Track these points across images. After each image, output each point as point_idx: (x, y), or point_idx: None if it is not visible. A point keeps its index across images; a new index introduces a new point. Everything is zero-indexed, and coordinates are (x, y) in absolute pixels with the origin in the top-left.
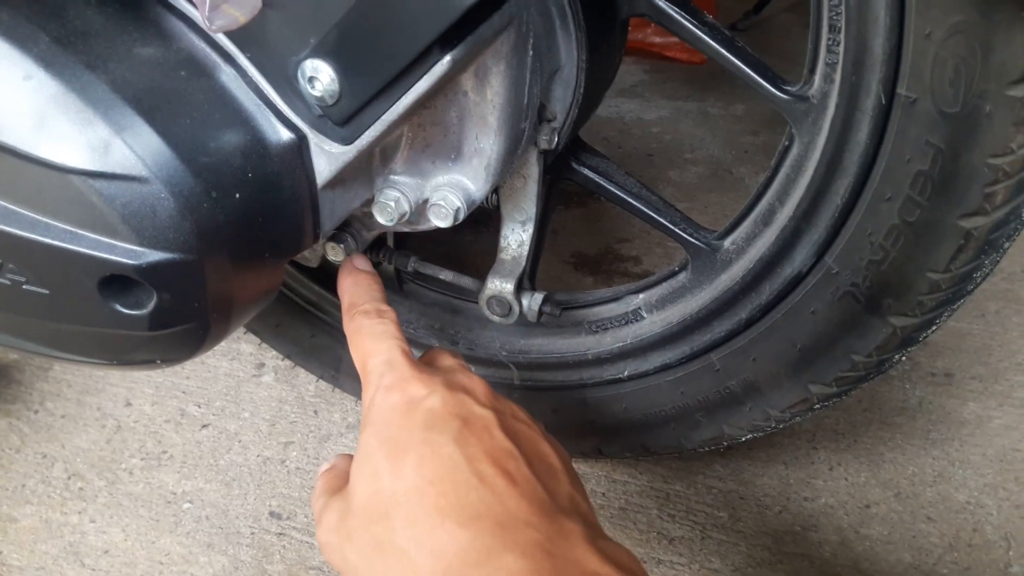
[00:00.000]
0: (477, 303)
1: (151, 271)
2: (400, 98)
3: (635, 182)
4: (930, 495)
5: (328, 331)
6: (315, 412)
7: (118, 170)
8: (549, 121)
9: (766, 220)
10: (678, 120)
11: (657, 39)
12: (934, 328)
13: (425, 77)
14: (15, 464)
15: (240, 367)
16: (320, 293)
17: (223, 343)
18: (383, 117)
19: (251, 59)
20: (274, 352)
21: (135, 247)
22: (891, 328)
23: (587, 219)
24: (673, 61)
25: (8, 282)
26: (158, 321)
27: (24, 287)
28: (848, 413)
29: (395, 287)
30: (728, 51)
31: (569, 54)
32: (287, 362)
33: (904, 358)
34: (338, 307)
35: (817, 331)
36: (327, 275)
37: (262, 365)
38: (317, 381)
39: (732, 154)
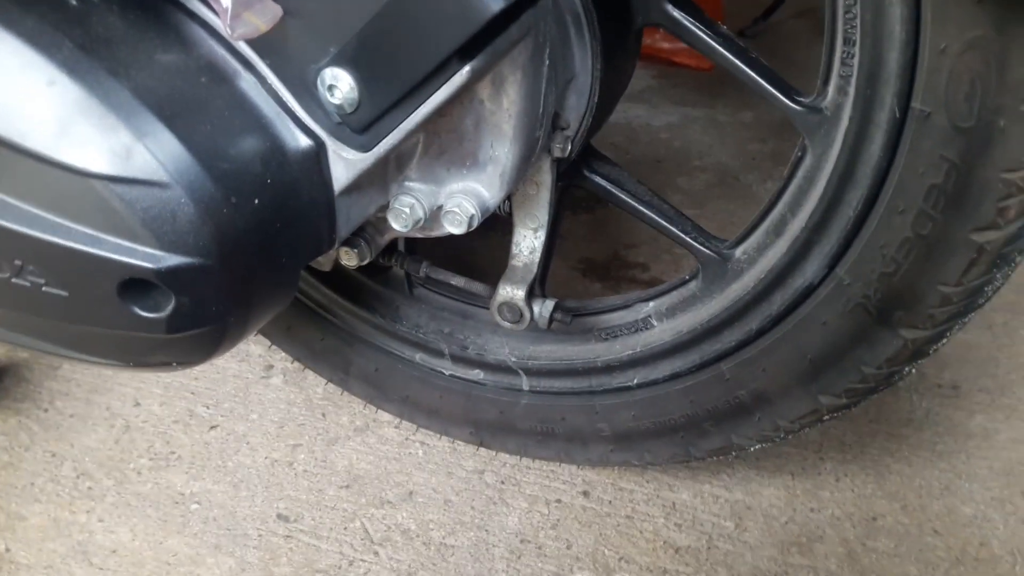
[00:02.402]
0: (487, 309)
1: (170, 275)
2: (419, 107)
3: (646, 190)
4: (937, 508)
5: (338, 334)
6: (323, 415)
7: (139, 175)
8: (563, 130)
9: (778, 230)
10: (686, 126)
11: (665, 44)
12: (944, 341)
13: (444, 87)
14: (24, 462)
15: (249, 369)
16: (331, 296)
17: None
18: (401, 125)
19: (271, 66)
20: (283, 355)
21: (155, 251)
22: (902, 340)
23: (595, 225)
24: (681, 67)
25: (28, 284)
26: (176, 324)
27: (44, 289)
28: (855, 424)
29: (404, 291)
30: (742, 62)
31: (584, 64)
32: (296, 365)
33: (913, 370)
34: (348, 310)
35: (828, 342)
36: (339, 279)
37: (271, 367)
38: (325, 384)
39: (740, 161)
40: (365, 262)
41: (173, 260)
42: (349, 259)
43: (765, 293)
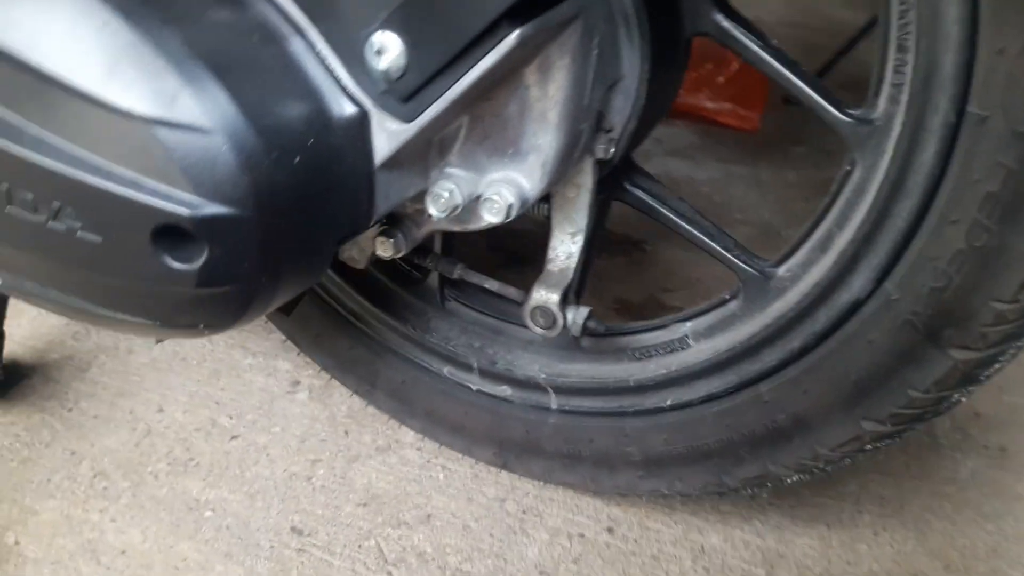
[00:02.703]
0: (520, 325)
1: (205, 223)
2: (464, 74)
3: (688, 207)
4: (982, 570)
5: (367, 344)
6: (346, 432)
7: (183, 119)
8: (607, 132)
9: (824, 246)
10: (729, 183)
11: (709, 104)
12: (997, 366)
13: (491, 53)
14: (43, 459)
15: (275, 383)
16: (363, 304)
17: (260, 358)
18: (446, 94)
19: (321, 32)
20: (310, 371)
21: (192, 197)
22: (951, 361)
23: (631, 267)
24: (725, 127)
25: (63, 227)
26: (206, 278)
27: (78, 234)
28: (895, 478)
29: (437, 303)
30: (792, 73)
31: (632, 65)
32: (322, 381)
33: (963, 398)
34: (379, 319)
35: (873, 362)
36: (372, 286)
37: (297, 383)
38: (350, 401)
39: (783, 218)
40: (400, 254)
41: (209, 208)
42: (385, 249)
43: (809, 310)
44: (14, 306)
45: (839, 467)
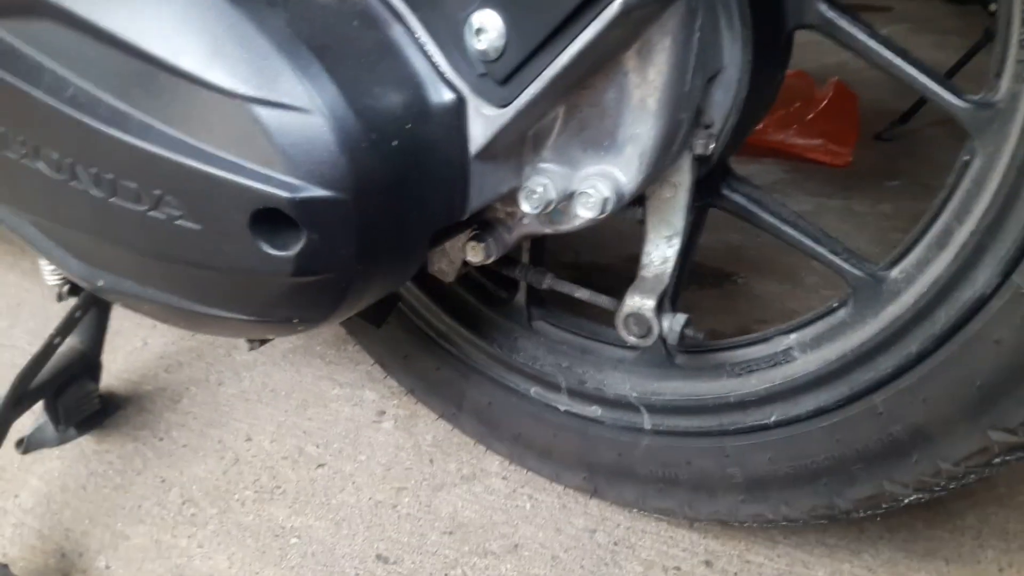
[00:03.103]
0: (610, 335)
1: (303, 206)
2: (564, 50)
3: (791, 211)
4: None
5: (454, 365)
6: (431, 461)
7: (283, 99)
8: (707, 127)
9: (941, 243)
10: (821, 215)
11: (799, 140)
12: None
13: (592, 24)
14: (135, 486)
15: (362, 413)
16: (450, 324)
17: (348, 388)
18: (544, 73)
19: (420, 19)
20: (395, 401)
21: (290, 179)
22: None
23: (723, 299)
24: (815, 163)
25: (163, 216)
26: (303, 265)
27: (177, 222)
28: (1020, 512)
29: (524, 323)
30: (904, 61)
31: (733, 56)
32: (407, 411)
33: None
34: (466, 339)
35: (1002, 364)
36: (458, 305)
37: (383, 412)
38: (435, 429)
39: (881, 248)
40: (491, 259)
41: (307, 191)
42: (476, 254)
43: (927, 310)
44: (110, 342)
45: (964, 485)
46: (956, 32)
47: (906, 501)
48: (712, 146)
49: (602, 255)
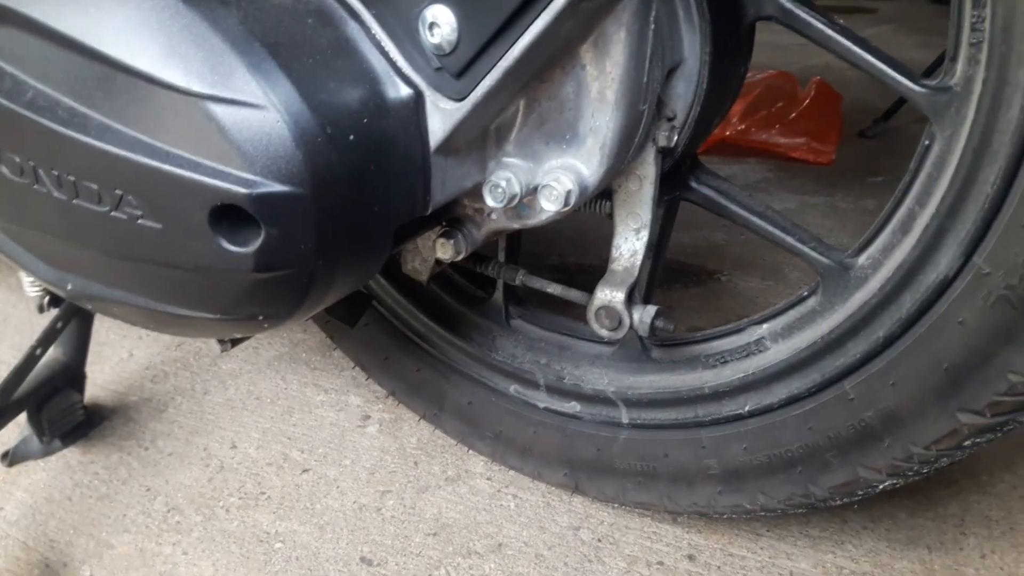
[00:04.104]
0: (585, 331)
1: (261, 201)
2: (515, 42)
3: (760, 203)
4: None
5: (434, 365)
6: (415, 463)
7: (237, 96)
8: (669, 119)
9: (905, 228)
10: (805, 212)
11: (782, 140)
12: None
13: (542, 16)
14: (120, 495)
15: (346, 418)
16: (429, 325)
17: (332, 394)
18: (498, 64)
19: (375, 15)
20: (380, 405)
21: (248, 175)
22: None
23: (707, 296)
24: (799, 162)
25: (125, 216)
26: (263, 261)
27: (139, 222)
28: (1001, 499)
29: (502, 321)
30: (862, 49)
31: (692, 48)
32: (391, 415)
33: None
34: (445, 339)
35: (967, 345)
36: (437, 306)
37: (367, 417)
38: (419, 433)
39: None
40: (460, 256)
41: (265, 187)
42: (445, 251)
43: (893, 295)
44: (97, 352)
45: (937, 469)
46: (940, 32)
47: (880, 487)
48: (675, 138)
49: (586, 257)
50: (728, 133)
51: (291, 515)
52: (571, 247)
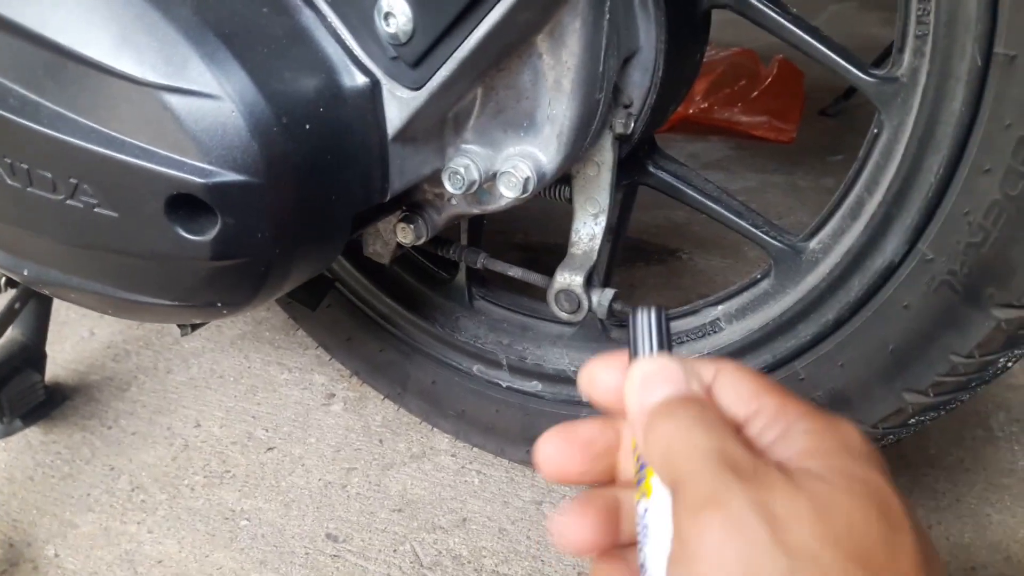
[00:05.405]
0: (546, 312)
1: (216, 190)
2: (471, 32)
3: (715, 187)
4: None
5: (397, 346)
6: (380, 441)
7: (191, 86)
8: (626, 107)
9: (854, 214)
10: (765, 190)
11: (744, 118)
12: None
13: (498, 6)
14: (83, 474)
15: (311, 396)
16: (392, 306)
17: (297, 373)
18: (454, 54)
19: (331, 4)
20: (345, 384)
21: (203, 165)
22: (994, 322)
23: (669, 276)
24: (760, 140)
25: (81, 205)
26: (220, 249)
27: (96, 210)
28: (948, 472)
29: (464, 302)
30: (813, 38)
31: (648, 36)
32: (356, 393)
33: (1012, 364)
34: (408, 320)
35: (911, 328)
36: (400, 287)
37: (332, 395)
38: (384, 411)
39: None
40: (421, 241)
41: (220, 176)
42: (405, 236)
43: (842, 279)
44: (57, 331)
45: (883, 446)
46: None
47: None
48: (632, 125)
49: (550, 236)
50: (691, 111)
51: (256, 493)
52: (535, 226)
